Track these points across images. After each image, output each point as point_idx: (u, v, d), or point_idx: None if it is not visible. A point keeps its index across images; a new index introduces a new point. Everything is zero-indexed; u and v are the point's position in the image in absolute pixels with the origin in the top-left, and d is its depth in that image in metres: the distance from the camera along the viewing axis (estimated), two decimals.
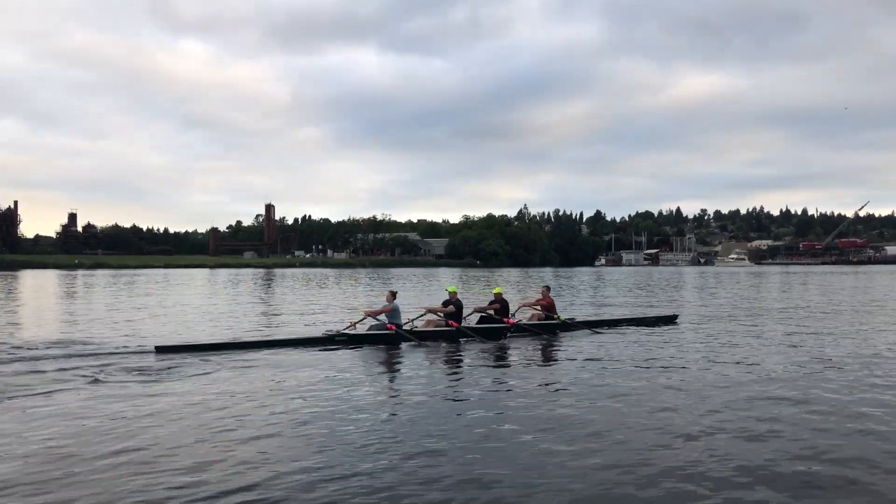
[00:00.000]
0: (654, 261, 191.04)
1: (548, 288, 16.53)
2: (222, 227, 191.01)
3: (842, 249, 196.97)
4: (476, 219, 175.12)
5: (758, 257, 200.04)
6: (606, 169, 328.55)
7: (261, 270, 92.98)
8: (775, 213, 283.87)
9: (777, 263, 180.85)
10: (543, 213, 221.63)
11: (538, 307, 15.65)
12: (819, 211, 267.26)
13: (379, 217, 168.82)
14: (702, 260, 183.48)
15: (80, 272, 77.65)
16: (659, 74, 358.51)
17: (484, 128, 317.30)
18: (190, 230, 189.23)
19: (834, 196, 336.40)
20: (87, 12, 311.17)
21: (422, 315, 14.24)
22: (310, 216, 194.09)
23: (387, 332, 13.10)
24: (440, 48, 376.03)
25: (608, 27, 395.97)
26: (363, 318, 13.69)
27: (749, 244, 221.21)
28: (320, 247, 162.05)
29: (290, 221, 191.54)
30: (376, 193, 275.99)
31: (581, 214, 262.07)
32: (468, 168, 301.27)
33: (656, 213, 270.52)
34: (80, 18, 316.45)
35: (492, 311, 14.78)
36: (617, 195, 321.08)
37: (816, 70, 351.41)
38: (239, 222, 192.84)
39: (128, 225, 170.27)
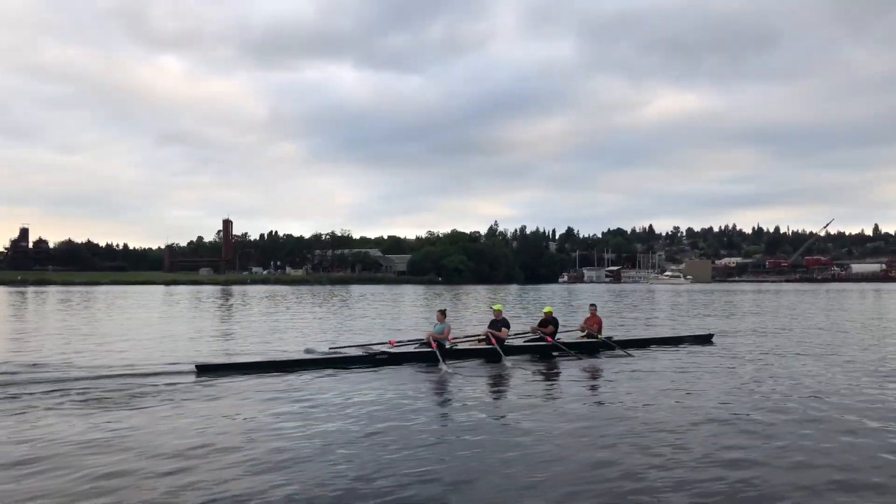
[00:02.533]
0: (615, 278, 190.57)
1: (595, 306, 15.95)
2: (188, 243, 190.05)
3: (807, 267, 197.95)
4: (440, 235, 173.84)
5: (725, 274, 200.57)
6: (584, 185, 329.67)
7: (204, 287, 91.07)
8: (747, 230, 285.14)
9: (742, 281, 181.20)
10: (515, 230, 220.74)
11: (590, 327, 15.23)
12: (791, 229, 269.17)
13: (338, 233, 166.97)
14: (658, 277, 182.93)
15: (10, 289, 75.43)
16: (634, 93, 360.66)
17: (462, 144, 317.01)
18: (163, 245, 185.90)
19: (806, 214, 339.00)
20: (62, 27, 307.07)
21: (478, 338, 14.21)
22: (275, 232, 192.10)
23: (429, 349, 12.93)
24: (417, 64, 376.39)
25: (583, 46, 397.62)
26: (427, 342, 13.29)
27: (716, 261, 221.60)
28: (278, 263, 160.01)
29: (257, 237, 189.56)
30: (354, 209, 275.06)
31: (553, 231, 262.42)
32: (447, 184, 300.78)
33: (629, 231, 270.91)
34: (55, 33, 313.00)
35: (542, 332, 14.45)
36: (594, 211, 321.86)
37: (788, 90, 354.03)
38: (200, 238, 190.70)
39: (82, 240, 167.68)
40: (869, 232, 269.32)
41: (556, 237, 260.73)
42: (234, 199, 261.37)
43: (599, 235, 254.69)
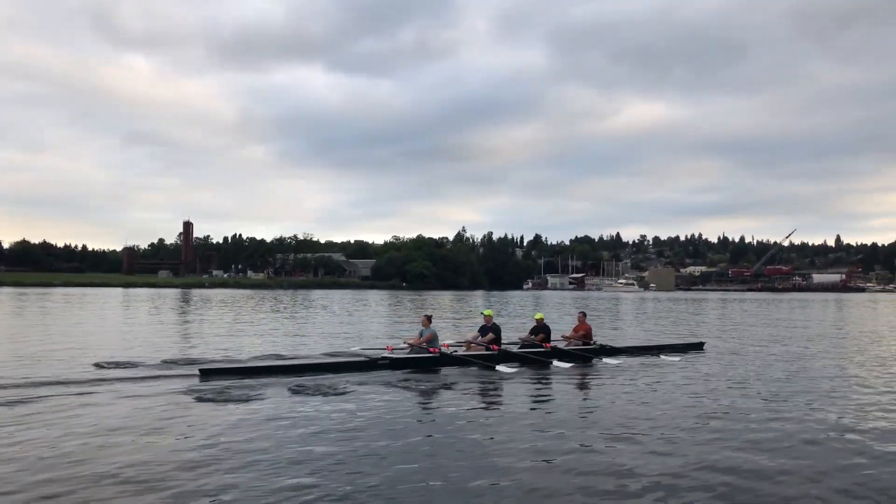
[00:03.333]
0: (579, 285, 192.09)
1: (584, 314, 16.39)
2: (149, 245, 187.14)
3: (769, 276, 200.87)
4: (405, 239, 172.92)
5: (688, 283, 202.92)
6: (553, 193, 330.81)
7: (159, 290, 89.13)
8: (713, 239, 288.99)
9: (705, 289, 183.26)
10: (483, 236, 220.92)
11: (578, 334, 15.60)
12: (756, 239, 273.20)
13: (301, 237, 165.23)
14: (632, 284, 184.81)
15: None
16: (604, 101, 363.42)
17: (433, 149, 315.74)
18: (127, 247, 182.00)
19: (771, 224, 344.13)
20: (28, 24, 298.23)
21: (460, 344, 14.47)
22: (240, 235, 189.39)
23: (430, 355, 13.16)
24: (389, 69, 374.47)
25: (554, 54, 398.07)
26: (406, 347, 13.72)
27: (681, 269, 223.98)
28: (239, 267, 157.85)
29: (220, 240, 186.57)
30: (323, 213, 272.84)
31: (521, 238, 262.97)
32: (418, 189, 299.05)
33: (596, 238, 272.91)
34: (20, 30, 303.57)
35: (537, 341, 14.67)
36: (562, 219, 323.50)
37: (754, 101, 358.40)
38: (161, 240, 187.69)
39: (39, 241, 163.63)
40: (831, 243, 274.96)
41: (524, 244, 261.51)
42: (201, 202, 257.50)
43: (567, 243, 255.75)
